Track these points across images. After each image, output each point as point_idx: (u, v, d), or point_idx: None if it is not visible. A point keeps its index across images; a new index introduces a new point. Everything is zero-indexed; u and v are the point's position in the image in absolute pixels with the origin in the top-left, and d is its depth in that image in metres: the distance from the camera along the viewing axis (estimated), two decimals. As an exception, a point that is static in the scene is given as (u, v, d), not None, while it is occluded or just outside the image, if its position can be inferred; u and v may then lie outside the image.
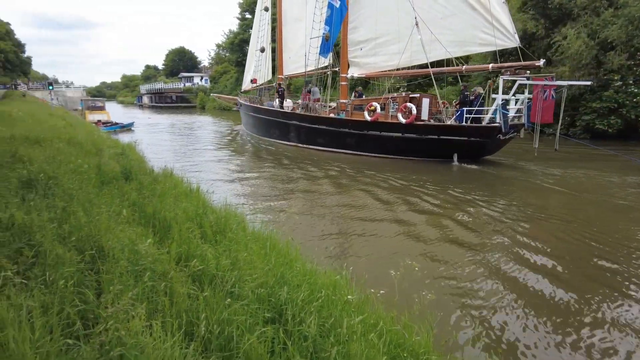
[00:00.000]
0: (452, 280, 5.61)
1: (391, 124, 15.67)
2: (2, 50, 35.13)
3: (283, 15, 24.15)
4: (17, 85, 68.27)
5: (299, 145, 19.21)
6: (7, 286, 2.75)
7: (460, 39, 15.37)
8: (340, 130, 17.09)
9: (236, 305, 2.81)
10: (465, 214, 8.74)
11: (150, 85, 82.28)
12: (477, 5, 14.71)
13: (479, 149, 14.34)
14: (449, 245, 6.97)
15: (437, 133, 14.74)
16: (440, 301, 4.89)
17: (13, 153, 7.19)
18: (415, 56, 16.35)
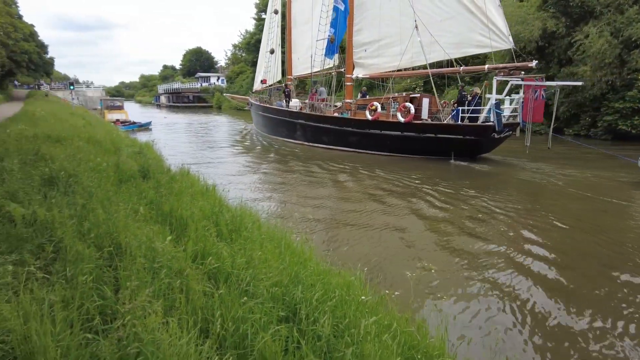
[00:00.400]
0: (468, 282, 5.55)
1: (391, 122, 16.14)
2: (26, 51, 36.04)
3: (292, 18, 24.75)
4: (40, 85, 70.05)
5: (305, 143, 19.71)
6: (30, 280, 2.82)
7: (458, 40, 15.85)
8: (343, 129, 17.56)
9: (251, 304, 2.83)
10: (471, 213, 8.63)
11: (168, 85, 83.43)
12: (473, 8, 15.17)
13: (475, 147, 14.82)
14: (464, 246, 6.89)
15: (434, 132, 15.20)
16: (455, 303, 4.84)
17: (36, 151, 7.38)
18: (416, 57, 16.82)
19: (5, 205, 4.24)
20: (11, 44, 31.20)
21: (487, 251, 6.67)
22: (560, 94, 23.41)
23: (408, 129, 15.60)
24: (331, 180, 12.48)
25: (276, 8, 26.12)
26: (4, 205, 4.24)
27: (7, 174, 5.44)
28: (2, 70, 32.13)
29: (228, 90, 60.17)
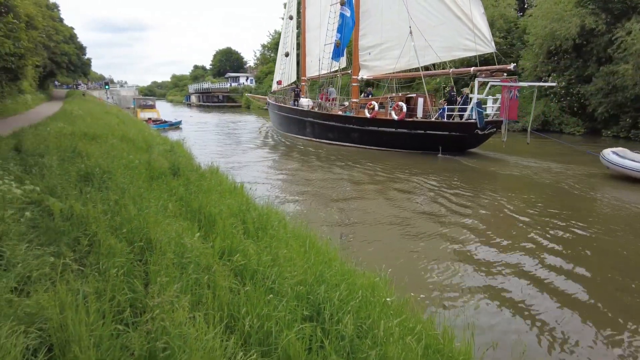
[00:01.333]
0: (495, 287, 5.40)
1: (386, 120, 17.63)
2: (66, 53, 37.67)
3: (306, 23, 26.38)
4: (78, 85, 72.96)
5: (314, 139, 21.28)
6: (66, 271, 2.95)
7: (449, 45, 17.33)
8: (346, 126, 19.24)
9: (275, 301, 2.86)
10: (484, 215, 8.40)
11: (198, 85, 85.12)
12: (461, 15, 16.67)
13: (460, 142, 16.06)
14: (491, 252, 6.71)
15: (423, 128, 16.56)
16: (481, 308, 4.72)
17: (73, 148, 7.69)
18: (412, 60, 18.13)
19: (45, 200, 4.44)
20: (52, 46, 32.65)
21: (510, 257, 6.48)
22: (598, 94, 22.57)
23: (401, 126, 17.02)
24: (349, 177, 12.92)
25: (291, 14, 27.99)
26: (43, 200, 4.45)
27: (47, 170, 5.69)
28: (44, 71, 33.66)
29: (257, 91, 60.95)
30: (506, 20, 31.01)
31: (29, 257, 3.19)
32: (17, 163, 6.12)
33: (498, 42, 30.03)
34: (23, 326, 2.31)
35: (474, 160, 15.41)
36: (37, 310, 2.46)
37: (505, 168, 14.22)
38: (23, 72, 19.89)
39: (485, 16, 16.69)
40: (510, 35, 30.89)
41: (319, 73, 23.37)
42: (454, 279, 5.47)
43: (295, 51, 28.38)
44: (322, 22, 22.78)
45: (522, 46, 28.69)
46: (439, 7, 17.25)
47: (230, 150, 19.24)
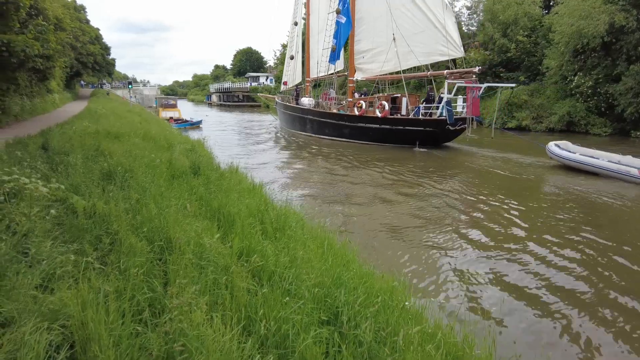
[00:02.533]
0: (517, 294, 5.25)
1: (371, 117, 19.66)
2: (92, 53, 38.59)
3: (311, 27, 28.65)
4: (103, 84, 74.73)
5: (312, 135, 23.55)
6: (88, 269, 3.00)
7: (428, 50, 19.78)
8: (339, 123, 21.45)
9: (293, 304, 2.84)
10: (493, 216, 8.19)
11: (219, 85, 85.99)
12: (437, 24, 19.21)
13: (433, 137, 18.03)
14: (515, 257, 6.54)
15: (402, 125, 18.66)
16: (503, 315, 4.59)
17: (97, 147, 7.86)
18: (397, 64, 20.30)
19: (69, 198, 4.54)
20: (79, 46, 33.51)
21: (533, 263, 6.30)
22: (627, 94, 21.80)
23: (383, 123, 19.14)
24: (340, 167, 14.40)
25: (296, 20, 30.46)
26: (68, 198, 4.55)
27: (72, 168, 5.83)
28: (71, 71, 34.56)
29: (276, 90, 61.18)
30: (530, 18, 30.29)
31: (54, 253, 3.26)
32: (44, 161, 6.28)
33: (521, 41, 29.48)
34: (46, 322, 2.35)
35: (445, 152, 17.54)
36: (60, 307, 2.50)
37: (470, 158, 16.13)
38: (51, 72, 20.47)
39: (457, 25, 19.52)
40: (534, 34, 30.16)
41: (317, 75, 26.21)
42: (476, 285, 5.36)
43: (300, 54, 30.94)
44: (322, 28, 25.05)
45: (547, 45, 27.96)
46: (420, 16, 19.57)
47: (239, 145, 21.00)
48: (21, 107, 16.59)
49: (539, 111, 26.40)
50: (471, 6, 38.88)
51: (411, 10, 19.77)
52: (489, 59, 31.87)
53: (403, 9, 19.90)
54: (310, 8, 28.41)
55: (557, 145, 13.79)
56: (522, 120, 26.55)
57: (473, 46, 34.62)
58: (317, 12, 27.22)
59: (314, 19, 27.74)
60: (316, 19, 27.20)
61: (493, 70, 31.81)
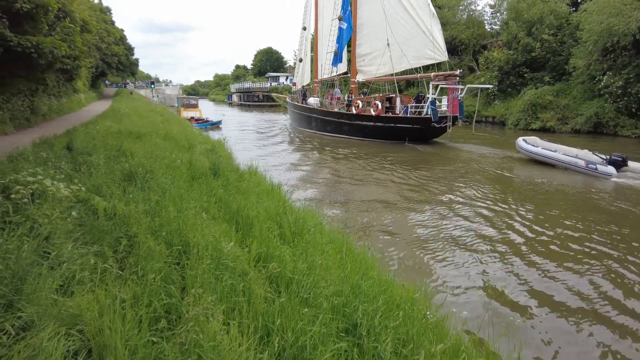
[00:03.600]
0: (547, 305, 5.05)
1: (366, 116, 21.51)
2: (116, 53, 39.48)
3: (319, 31, 30.72)
4: (126, 84, 76.35)
5: (317, 132, 25.49)
6: (107, 273, 3.00)
7: (418, 54, 21.73)
8: (339, 121, 23.38)
9: (310, 313, 2.77)
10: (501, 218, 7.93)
11: (240, 85, 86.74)
12: (426, 31, 21.17)
13: (420, 133, 19.78)
14: (539, 265, 6.32)
15: (393, 122, 20.48)
16: (529, 329, 4.41)
17: (119, 147, 7.97)
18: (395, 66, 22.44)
19: (91, 199, 4.59)
20: (104, 47, 34.31)
21: (560, 272, 6.07)
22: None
23: (377, 120, 20.95)
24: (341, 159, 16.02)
25: (305, 25, 32.62)
26: (89, 199, 4.60)
27: (94, 168, 5.91)
28: (96, 71, 35.42)
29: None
30: (557, 16, 29.46)
31: (74, 255, 3.28)
32: (68, 161, 6.39)
33: (547, 40, 28.69)
34: (64, 328, 2.35)
35: (430, 147, 19.41)
36: (79, 312, 2.50)
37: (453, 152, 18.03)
38: (78, 72, 21.00)
39: (442, 32, 21.54)
40: (560, 32, 29.32)
41: (320, 77, 29.13)
42: (501, 296, 5.18)
43: (309, 57, 33.53)
44: (327, 33, 27.34)
45: (574, 43, 27.13)
46: (411, 23, 21.63)
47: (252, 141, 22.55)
48: (49, 106, 17.05)
49: (565, 112, 25.62)
50: (494, 4, 38.08)
51: (404, 18, 21.89)
52: (512, 58, 31.14)
53: (397, 17, 22.02)
54: (318, 14, 30.68)
55: (525, 140, 15.37)
56: (546, 121, 25.82)
57: (496, 45, 33.90)
58: (323, 18, 29.42)
59: (322, 25, 29.85)
60: (323, 25, 29.31)
61: (516, 70, 31.07)
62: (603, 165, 12.45)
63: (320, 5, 29.94)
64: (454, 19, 38.81)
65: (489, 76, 32.23)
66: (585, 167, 12.76)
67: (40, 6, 12.12)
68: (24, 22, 12.12)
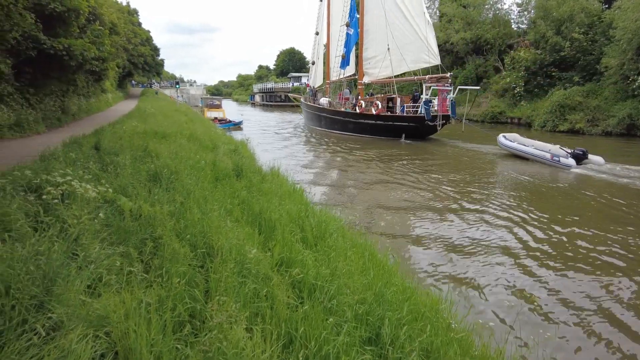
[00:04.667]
0: (578, 317, 4.87)
1: (368, 115, 23.63)
2: (142, 54, 40.42)
3: (330, 37, 33.29)
4: (152, 84, 78.01)
5: (325, 130, 27.61)
6: (132, 275, 3.04)
7: (416, 58, 23.82)
8: (344, 119, 25.33)
9: (333, 321, 2.74)
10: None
11: (262, 85, 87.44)
12: (422, 37, 23.29)
13: (416, 131, 21.57)
14: (575, 275, 6.10)
15: (391, 120, 22.51)
16: (562, 345, 4.24)
17: (144, 147, 8.12)
18: (395, 69, 24.72)
19: (117, 200, 4.68)
20: (131, 48, 35.16)
21: (596, 286, 5.84)
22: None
23: (377, 119, 23.00)
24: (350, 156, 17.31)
25: (317, 30, 35.08)
26: (116, 199, 4.69)
27: (121, 169, 6.03)
28: (123, 71, 36.35)
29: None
30: (588, 14, 28.51)
31: (101, 256, 3.35)
32: (95, 161, 6.55)
33: (577, 38, 27.79)
34: (92, 329, 2.39)
35: (424, 142, 21.20)
36: (106, 313, 2.54)
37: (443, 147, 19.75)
38: (106, 73, 21.59)
39: (435, 39, 23.73)
40: (592, 31, 28.36)
41: (329, 79, 32.67)
42: (532, 307, 5.03)
43: (321, 60, 36.27)
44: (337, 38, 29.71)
45: (607, 42, 26.18)
46: (410, 30, 23.78)
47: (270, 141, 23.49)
48: (78, 106, 17.56)
49: (595, 113, 24.74)
50: (522, 3, 37.15)
51: (404, 25, 23.98)
52: (540, 58, 30.31)
53: (398, 23, 24.08)
54: (330, 20, 33.29)
55: (504, 136, 17.12)
56: (575, 123, 24.99)
57: (522, 45, 33.07)
58: (333, 24, 32.03)
59: (333, 29, 32.32)
60: (335, 29, 31.43)
61: (544, 70, 30.24)
62: (565, 158, 14.03)
63: (332, 12, 32.69)
64: (479, 18, 38.08)
65: (514, 76, 31.49)
66: (551, 159, 14.49)
67: (71, 9, 12.50)
68: (57, 26, 12.53)
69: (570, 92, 26.32)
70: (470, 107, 26.15)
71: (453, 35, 38.24)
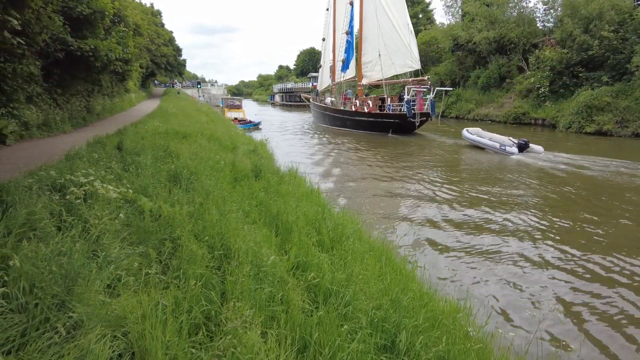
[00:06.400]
0: (602, 329, 4.70)
1: (362, 112, 27.29)
2: (165, 54, 41.17)
3: (336, 43, 36.21)
4: (174, 84, 79.37)
5: (328, 126, 31.36)
6: (150, 276, 3.08)
7: (402, 63, 27.71)
8: (343, 117, 29.14)
9: (347, 327, 2.71)
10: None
11: (282, 85, 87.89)
12: (407, 44, 27.18)
13: (400, 126, 24.70)
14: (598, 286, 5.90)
15: (380, 117, 26.01)
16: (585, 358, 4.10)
17: (165, 147, 8.26)
18: (385, 73, 28.18)
19: (138, 200, 4.77)
20: (154, 49, 35.86)
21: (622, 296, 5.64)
22: None
23: (369, 116, 26.54)
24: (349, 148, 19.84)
25: (324, 37, 39.63)
26: (136, 199, 4.78)
27: (142, 169, 6.14)
28: (146, 71, 37.11)
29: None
30: (619, 11, 27.52)
31: (121, 255, 3.41)
32: (118, 161, 6.70)
33: (606, 37, 26.87)
34: (110, 330, 2.43)
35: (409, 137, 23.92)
36: (124, 314, 2.58)
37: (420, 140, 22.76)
38: (129, 74, 22.07)
39: (417, 47, 27.77)
40: (622, 29, 27.36)
41: (333, 81, 36.63)
42: (555, 318, 4.89)
43: (327, 64, 39.66)
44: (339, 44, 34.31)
45: (639, 40, 25.24)
46: (398, 38, 27.56)
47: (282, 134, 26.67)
48: (102, 106, 18.02)
49: (625, 114, 23.86)
50: (548, 1, 36.18)
51: (393, 34, 27.77)
52: (566, 57, 29.46)
53: (389, 32, 27.76)
54: (335, 27, 37.12)
55: (468, 130, 19.89)
56: (603, 124, 24.15)
57: (548, 44, 32.20)
58: (338, 31, 35.49)
59: (338, 36, 35.95)
60: (339, 36, 35.12)
61: (570, 69, 29.37)
62: (510, 147, 16.56)
63: (337, 20, 36.45)
64: (502, 16, 37.27)
65: (539, 76, 30.70)
66: (499, 148, 17.12)
67: (97, 12, 12.81)
68: (83, 27, 12.86)
69: (599, 92, 25.48)
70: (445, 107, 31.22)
71: (476, 34, 37.53)
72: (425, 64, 47.92)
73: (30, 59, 10.85)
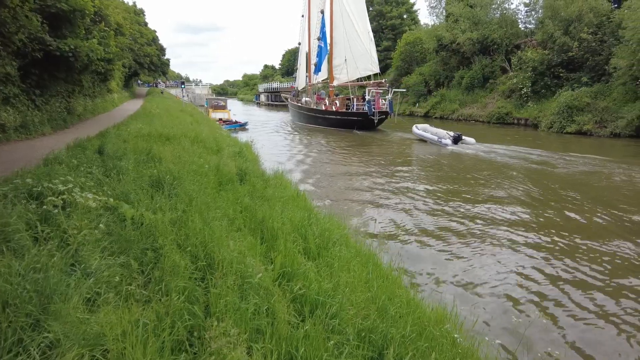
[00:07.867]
0: (595, 334, 4.76)
1: (330, 111, 30.98)
2: (148, 54, 40.52)
3: (311, 47, 39.38)
4: (158, 83, 78.19)
5: (303, 124, 34.26)
6: (131, 291, 2.99)
7: (364, 67, 31.76)
8: (315, 115, 32.42)
9: (335, 340, 2.67)
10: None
11: (267, 85, 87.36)
12: (368, 50, 31.66)
13: (362, 123, 27.72)
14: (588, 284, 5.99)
15: (346, 115, 29.28)
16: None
17: (148, 151, 8.09)
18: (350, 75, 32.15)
19: (119, 207, 4.64)
20: (137, 48, 35.26)
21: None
22: None
23: (337, 115, 30.02)
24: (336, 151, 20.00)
25: (299, 41, 43.60)
26: (118, 207, 4.65)
27: (123, 174, 5.99)
28: (129, 71, 36.44)
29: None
30: (597, 14, 28.12)
31: (102, 266, 3.30)
32: (98, 166, 6.52)
33: (586, 39, 27.43)
34: (88, 350, 2.33)
35: (370, 133, 26.53)
36: (104, 331, 2.49)
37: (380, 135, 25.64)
38: (111, 74, 21.65)
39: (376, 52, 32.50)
40: (601, 31, 27.98)
41: (309, 82, 39.95)
42: (542, 324, 4.93)
43: (303, 66, 43.38)
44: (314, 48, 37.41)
45: (616, 42, 25.82)
46: (360, 44, 31.62)
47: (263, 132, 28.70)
48: (84, 107, 17.59)
49: (603, 115, 24.40)
50: (529, 3, 36.78)
51: (357, 40, 31.67)
52: (548, 58, 29.98)
53: (354, 39, 31.57)
54: (310, 33, 39.75)
55: (416, 126, 23.00)
56: (583, 124, 24.65)
57: (530, 45, 32.71)
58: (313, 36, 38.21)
59: (312, 41, 38.89)
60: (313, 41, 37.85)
61: (552, 70, 29.90)
62: (445, 139, 19.61)
63: (311, 26, 39.15)
64: (486, 17, 37.74)
65: (522, 77, 31.19)
66: (437, 140, 20.12)
67: (77, 10, 12.51)
68: (62, 26, 12.55)
69: (578, 93, 26.00)
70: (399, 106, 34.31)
71: (459, 35, 37.92)
72: (410, 65, 48.32)
73: (6, 59, 10.55)
